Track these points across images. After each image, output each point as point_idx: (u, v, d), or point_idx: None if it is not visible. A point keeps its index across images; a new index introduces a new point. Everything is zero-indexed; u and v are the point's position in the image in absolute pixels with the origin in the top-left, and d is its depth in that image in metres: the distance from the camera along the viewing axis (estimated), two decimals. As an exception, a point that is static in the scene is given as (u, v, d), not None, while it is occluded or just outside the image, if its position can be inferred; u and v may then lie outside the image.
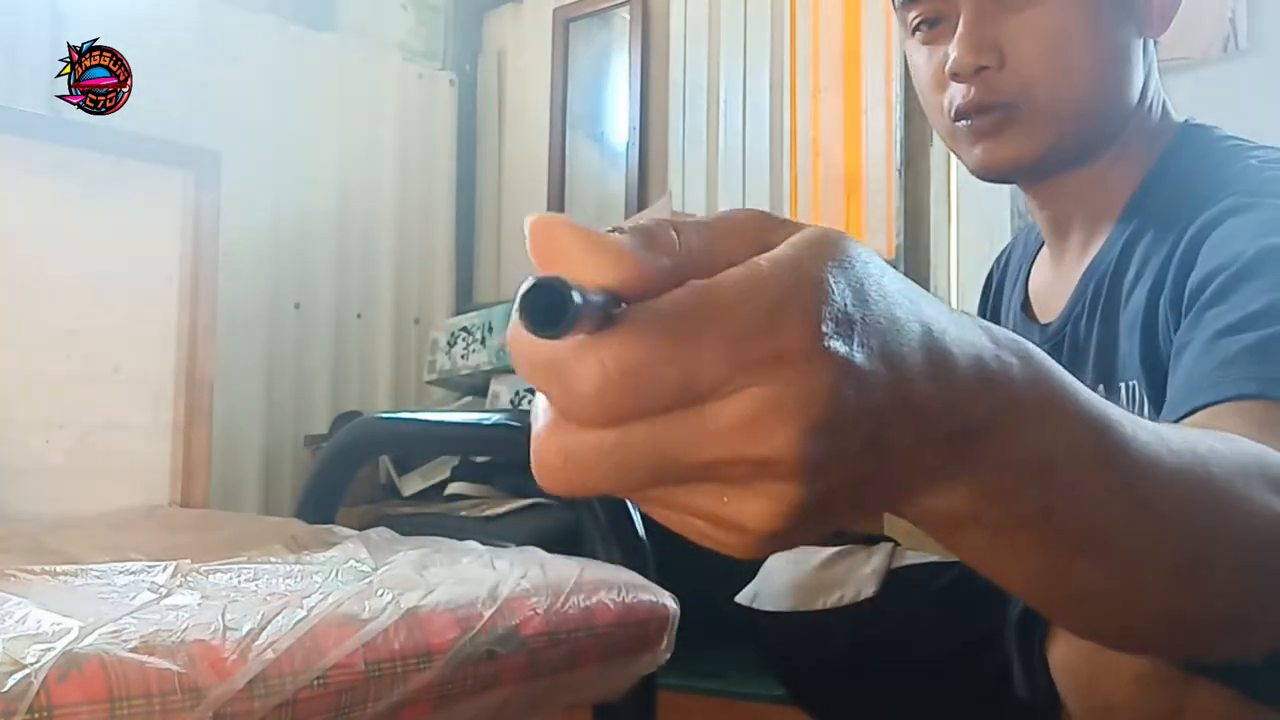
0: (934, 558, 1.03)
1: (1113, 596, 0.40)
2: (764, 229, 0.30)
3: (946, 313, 0.33)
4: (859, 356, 0.28)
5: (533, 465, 0.29)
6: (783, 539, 0.30)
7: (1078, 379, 0.37)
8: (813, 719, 1.15)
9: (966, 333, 0.33)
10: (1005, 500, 0.35)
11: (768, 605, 1.07)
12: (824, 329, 0.27)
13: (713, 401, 0.27)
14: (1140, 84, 0.83)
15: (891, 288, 0.30)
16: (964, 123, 0.83)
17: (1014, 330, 0.40)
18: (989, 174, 0.85)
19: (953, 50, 0.81)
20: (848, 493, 0.30)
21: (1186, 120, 0.87)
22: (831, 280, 0.28)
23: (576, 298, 0.25)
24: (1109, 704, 0.67)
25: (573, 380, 0.27)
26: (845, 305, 0.28)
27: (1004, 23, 0.80)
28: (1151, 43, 0.85)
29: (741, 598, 1.10)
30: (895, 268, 0.33)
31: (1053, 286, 0.92)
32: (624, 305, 0.27)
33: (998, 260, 1.10)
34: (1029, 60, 0.79)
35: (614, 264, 0.27)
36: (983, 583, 0.40)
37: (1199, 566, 0.40)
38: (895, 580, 1.03)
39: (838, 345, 0.28)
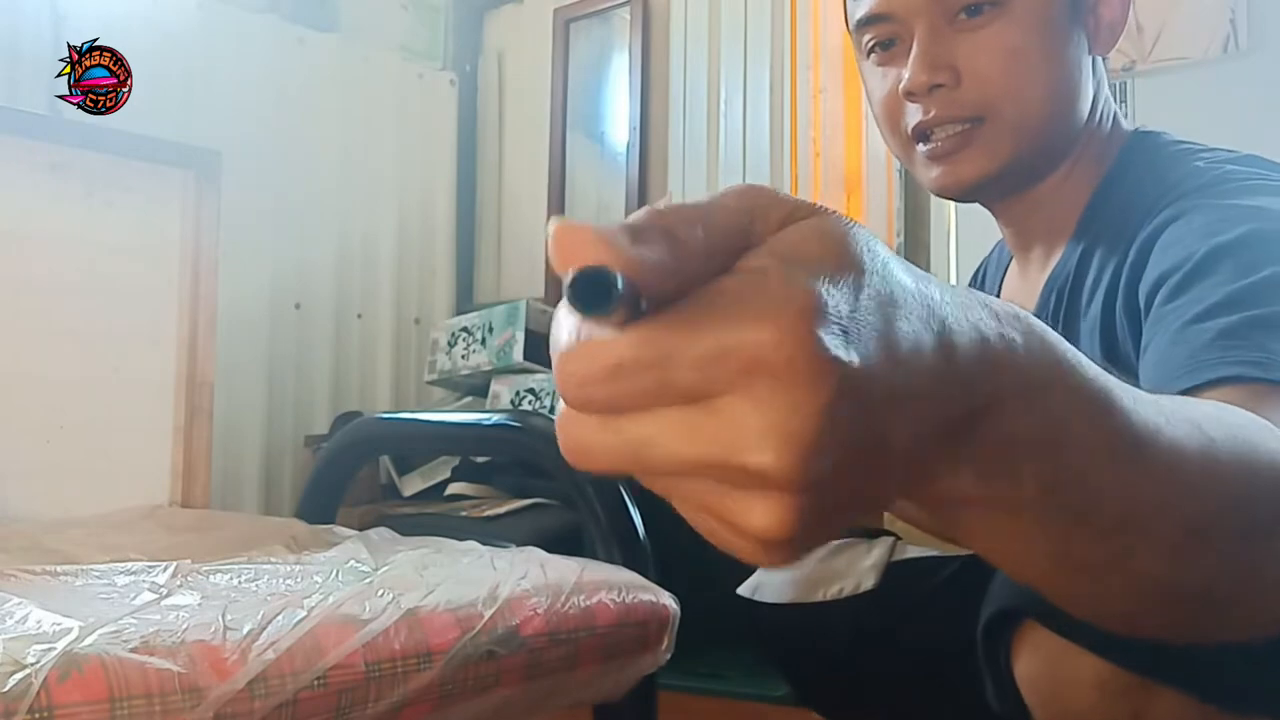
0: (934, 552, 1.03)
1: (1116, 571, 0.39)
2: (770, 213, 0.30)
3: (949, 293, 0.32)
4: (857, 362, 0.28)
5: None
6: (791, 547, 0.29)
7: None
8: (813, 711, 1.15)
9: (969, 312, 0.33)
10: (1007, 479, 0.35)
11: (769, 597, 1.08)
12: (819, 337, 0.27)
13: (700, 403, 0.27)
14: (1091, 98, 0.85)
15: (893, 278, 0.30)
16: (923, 145, 0.85)
17: None
18: (950, 193, 0.87)
19: (907, 70, 0.82)
20: (852, 495, 0.30)
21: (1136, 129, 0.88)
22: (827, 285, 0.28)
23: (620, 283, 0.27)
24: (1071, 712, 0.68)
25: (573, 367, 0.28)
26: (842, 307, 0.28)
27: (959, 42, 0.81)
28: (1100, 59, 0.87)
29: (743, 589, 1.11)
30: None
31: (1020, 299, 0.93)
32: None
33: (975, 274, 1.13)
34: (985, 77, 0.80)
35: (627, 269, 0.27)
36: (983, 576, 0.40)
37: (1202, 534, 0.40)
38: (895, 573, 1.03)
39: (834, 353, 0.27)
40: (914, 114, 0.83)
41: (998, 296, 0.97)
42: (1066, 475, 0.36)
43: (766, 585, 1.09)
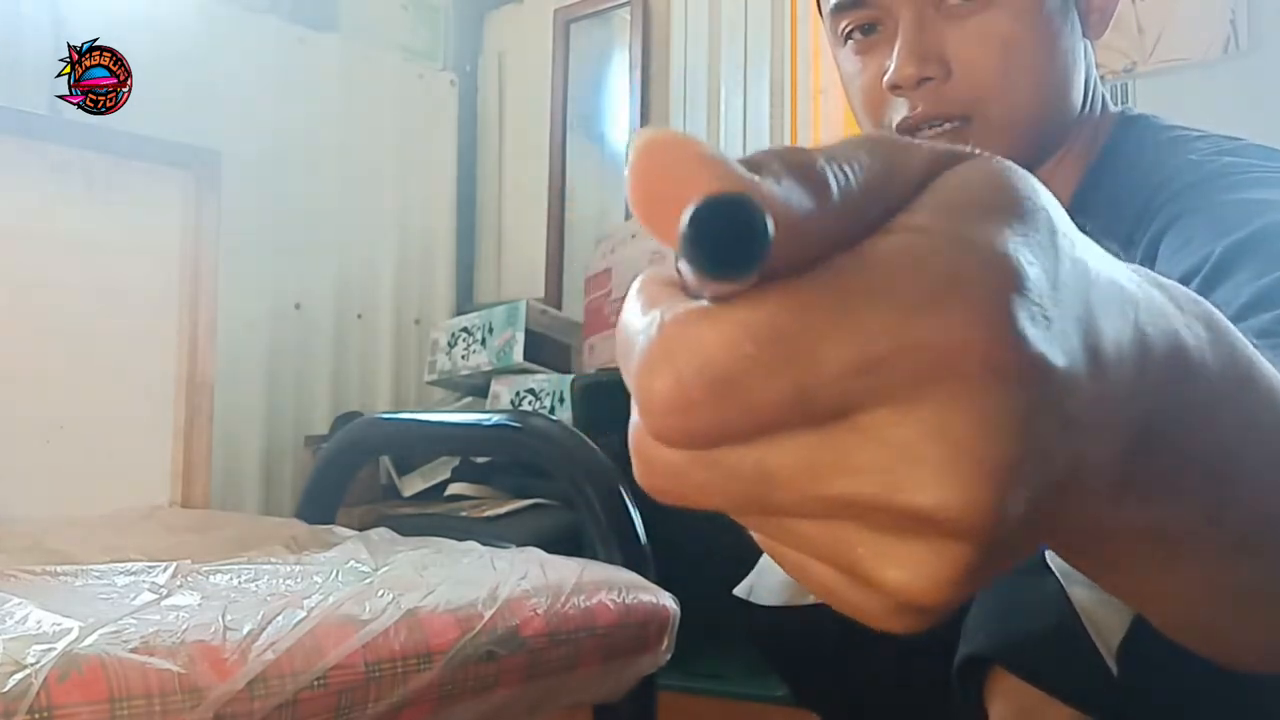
0: None
1: (1261, 601, 0.34)
2: (910, 162, 0.23)
3: (1131, 270, 0.26)
4: (1064, 363, 0.21)
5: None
6: (938, 612, 0.22)
7: None
8: (808, 711, 1.15)
9: (1154, 298, 0.26)
10: (1172, 505, 0.28)
11: (763, 599, 1.08)
12: (1018, 323, 0.20)
13: (843, 421, 0.20)
14: (1084, 85, 0.80)
15: (1082, 244, 0.23)
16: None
17: None
18: None
19: (892, 61, 0.75)
20: (1027, 541, 0.22)
21: (1123, 110, 0.84)
22: (1022, 250, 0.21)
23: (770, 226, 0.18)
24: None
25: (661, 382, 0.20)
26: (1043, 284, 0.21)
27: (948, 31, 0.75)
28: (1090, 45, 0.82)
29: (739, 590, 1.11)
30: None
31: None
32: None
33: None
34: (979, 70, 0.74)
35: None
36: None
37: None
38: None
39: (1038, 348, 0.20)
40: (899, 108, 0.76)
41: None
42: (1243, 498, 0.30)
43: (760, 587, 1.09)
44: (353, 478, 1.48)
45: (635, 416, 0.22)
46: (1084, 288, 0.22)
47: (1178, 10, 1.82)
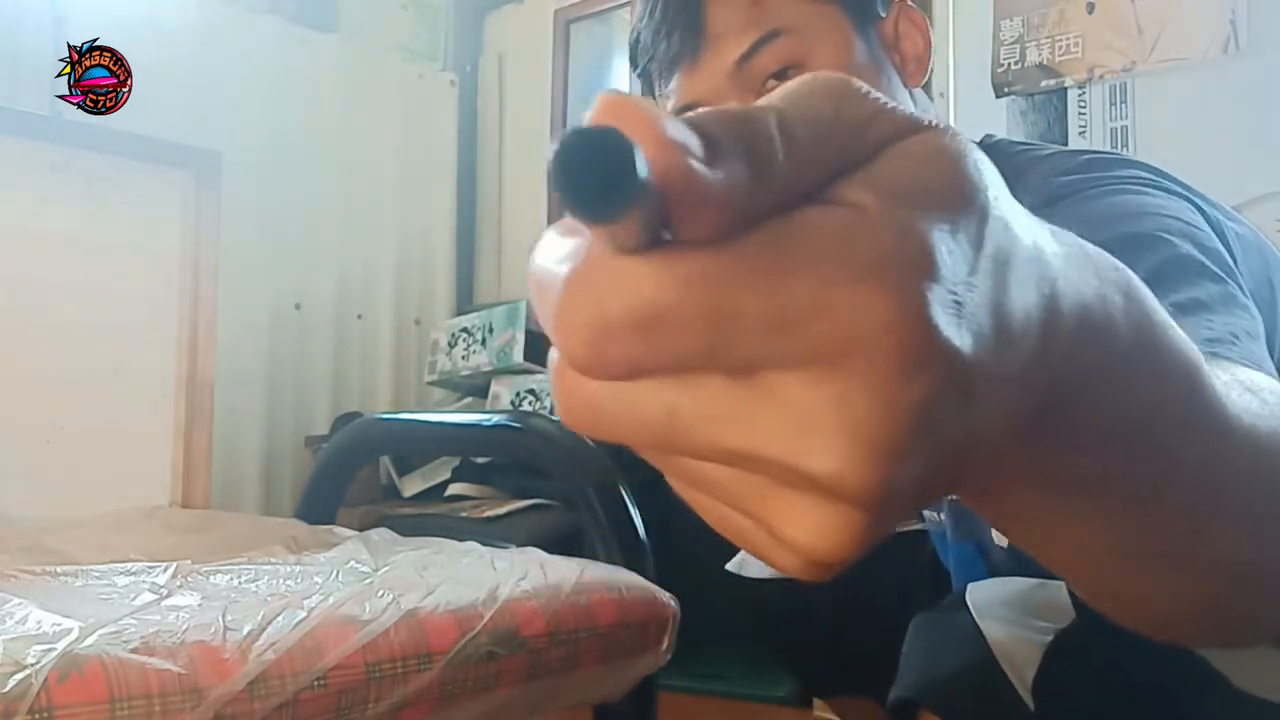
0: (918, 525, 1.04)
1: (1189, 560, 0.35)
2: (872, 126, 0.23)
3: (1057, 239, 0.27)
4: (969, 347, 0.22)
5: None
6: (840, 567, 0.24)
7: None
8: (801, 685, 1.15)
9: (1076, 267, 0.27)
10: (1083, 462, 0.29)
11: (753, 573, 1.08)
12: (929, 310, 0.21)
13: (752, 377, 0.21)
14: None
15: (1013, 224, 0.24)
16: None
17: None
18: None
19: None
20: (919, 500, 0.24)
21: (983, 139, 0.86)
22: (946, 240, 0.22)
23: (641, 169, 0.18)
24: None
25: (582, 310, 0.21)
26: (960, 269, 0.22)
27: None
28: (919, 90, 0.84)
29: (731, 565, 1.11)
30: None
31: None
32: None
33: None
34: None
35: (688, 197, 0.20)
36: None
37: (1267, 513, 0.37)
38: (879, 545, 1.03)
39: (945, 334, 0.21)
40: None
41: None
42: (1151, 454, 0.31)
43: (750, 561, 1.09)
44: (353, 478, 1.48)
45: (555, 356, 0.23)
46: (1003, 267, 0.23)
47: (1177, 10, 1.82)
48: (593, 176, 0.18)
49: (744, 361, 0.21)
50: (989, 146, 0.86)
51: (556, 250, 0.22)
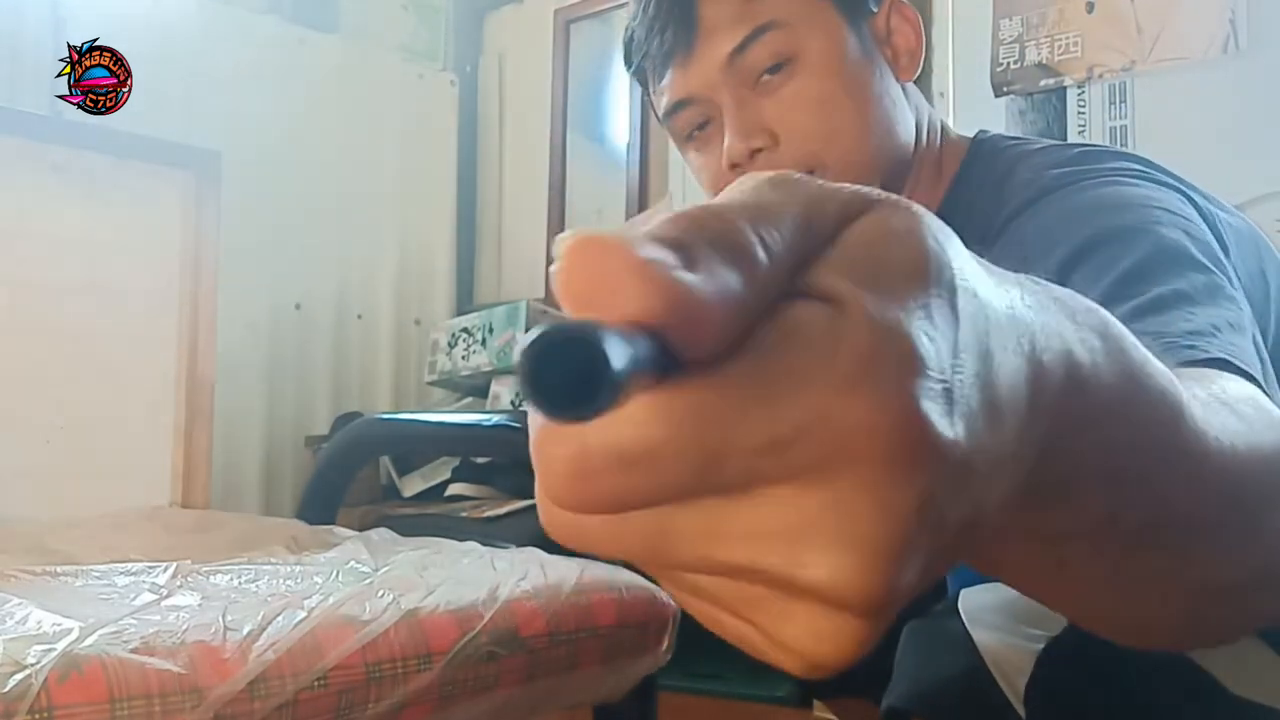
0: None
1: (1174, 584, 0.36)
2: (825, 207, 0.23)
3: (1026, 291, 0.26)
4: (962, 434, 0.21)
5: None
6: (842, 668, 0.23)
7: None
8: (797, 684, 1.15)
9: (1049, 316, 0.26)
10: (1071, 509, 0.29)
11: None
12: (920, 407, 0.20)
13: (747, 493, 0.20)
14: (913, 124, 0.84)
15: (981, 289, 0.24)
16: None
17: None
18: None
19: (725, 143, 0.80)
20: (920, 587, 0.23)
21: (977, 135, 0.87)
22: (924, 327, 0.21)
23: (617, 360, 0.17)
24: None
25: (561, 452, 0.20)
26: (944, 355, 0.21)
27: (767, 104, 0.79)
28: (912, 85, 0.85)
29: None
30: None
31: None
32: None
33: None
34: (801, 131, 0.79)
35: (687, 320, 0.19)
36: None
37: (1255, 521, 0.37)
38: None
39: (938, 430, 0.20)
40: None
41: None
42: (1134, 497, 0.31)
43: None
44: (353, 478, 1.48)
45: (540, 484, 0.22)
46: (983, 336, 0.23)
47: (1177, 9, 1.82)
48: (564, 379, 0.17)
49: (737, 483, 0.20)
50: (981, 142, 0.86)
51: None
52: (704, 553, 0.21)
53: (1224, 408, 0.37)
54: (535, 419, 0.21)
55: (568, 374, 0.17)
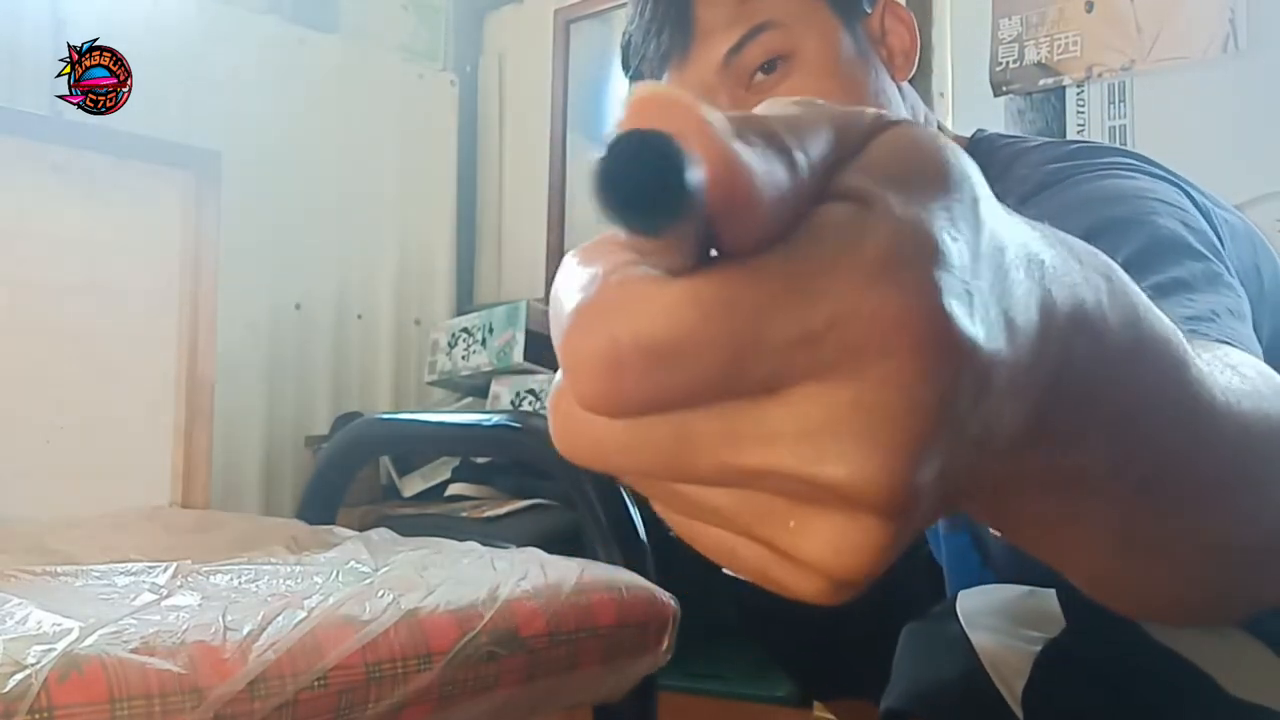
0: None
1: (1181, 546, 0.36)
2: (852, 127, 0.23)
3: (1033, 231, 0.26)
4: (983, 336, 0.21)
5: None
6: (860, 585, 0.23)
7: None
8: (797, 685, 1.15)
9: (1058, 254, 0.26)
10: (1077, 457, 0.29)
11: None
12: (945, 302, 0.20)
13: (768, 394, 0.20)
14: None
15: (996, 212, 0.24)
16: None
17: None
18: None
19: None
20: (939, 509, 0.23)
21: (975, 134, 0.87)
22: (948, 227, 0.21)
23: (693, 177, 0.17)
24: None
25: (594, 346, 0.20)
26: (965, 255, 0.21)
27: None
28: (907, 85, 0.85)
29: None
30: None
31: None
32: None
33: None
34: None
35: (738, 197, 0.19)
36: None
37: (1262, 487, 0.37)
38: None
39: (961, 325, 0.20)
40: None
41: None
42: (1142, 445, 0.31)
43: None
44: (353, 478, 1.48)
45: (559, 375, 0.21)
46: (1000, 253, 0.23)
47: (1177, 9, 1.82)
48: (641, 187, 0.17)
49: (764, 382, 0.20)
50: (978, 141, 0.87)
51: (572, 280, 0.21)
52: (724, 459, 0.20)
53: (1229, 369, 0.36)
54: (560, 319, 0.21)
55: (641, 185, 0.16)
